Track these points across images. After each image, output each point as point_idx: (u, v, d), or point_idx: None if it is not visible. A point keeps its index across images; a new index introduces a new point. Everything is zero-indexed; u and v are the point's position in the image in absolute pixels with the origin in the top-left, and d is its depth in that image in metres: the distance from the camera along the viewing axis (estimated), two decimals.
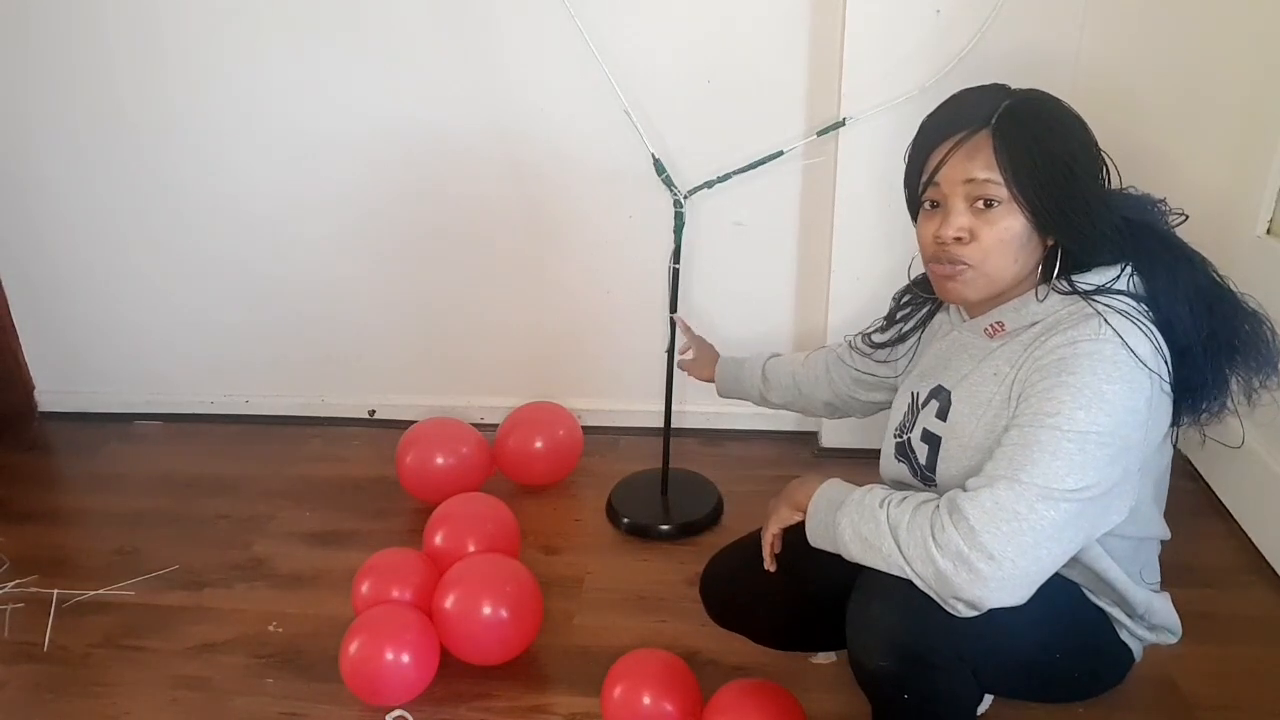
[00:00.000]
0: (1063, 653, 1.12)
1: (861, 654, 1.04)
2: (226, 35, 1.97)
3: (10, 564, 1.82)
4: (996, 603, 0.93)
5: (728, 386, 1.62)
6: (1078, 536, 0.97)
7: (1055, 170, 0.99)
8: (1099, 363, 0.96)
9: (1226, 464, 1.81)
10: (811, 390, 1.48)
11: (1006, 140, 0.99)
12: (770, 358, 1.56)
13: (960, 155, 1.02)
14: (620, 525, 1.86)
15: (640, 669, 1.33)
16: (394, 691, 1.40)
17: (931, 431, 1.13)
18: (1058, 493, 0.93)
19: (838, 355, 1.44)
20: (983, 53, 1.68)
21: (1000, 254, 1.02)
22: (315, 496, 2.03)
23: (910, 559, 0.96)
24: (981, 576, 0.92)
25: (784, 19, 1.81)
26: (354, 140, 2.03)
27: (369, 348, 2.26)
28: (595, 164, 1.97)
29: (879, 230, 1.84)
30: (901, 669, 1.01)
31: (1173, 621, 1.20)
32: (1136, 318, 0.99)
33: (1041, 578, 0.95)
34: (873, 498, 1.02)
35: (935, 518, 0.96)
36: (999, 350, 1.07)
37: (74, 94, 2.07)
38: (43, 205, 2.21)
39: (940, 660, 1.01)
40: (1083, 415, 0.94)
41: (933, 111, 1.08)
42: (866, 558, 1.00)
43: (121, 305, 2.30)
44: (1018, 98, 1.03)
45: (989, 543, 0.92)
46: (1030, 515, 0.92)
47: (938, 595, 0.96)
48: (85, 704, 1.48)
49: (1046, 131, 1.00)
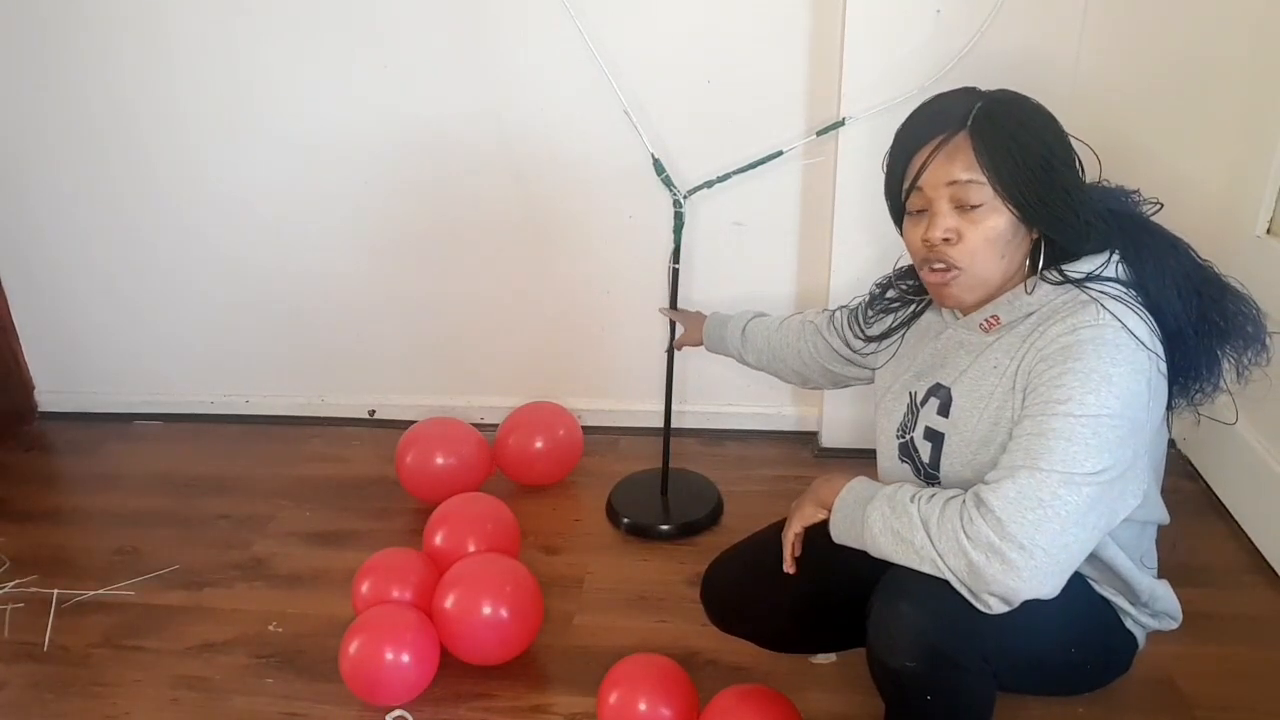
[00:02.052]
0: (1077, 646, 1.13)
1: (886, 653, 1.03)
2: (227, 35, 1.97)
3: (10, 564, 1.82)
4: (1030, 593, 0.94)
5: (713, 343, 1.62)
6: (1100, 521, 0.97)
7: (1034, 164, 1.00)
8: (1102, 347, 0.97)
9: (1227, 464, 1.81)
10: (784, 356, 1.48)
11: (984, 140, 1.01)
12: (753, 318, 1.56)
13: (941, 158, 1.03)
14: (620, 525, 1.86)
15: (636, 674, 1.32)
16: (394, 691, 1.40)
17: (934, 429, 1.13)
18: (1078, 477, 0.94)
19: (815, 327, 1.43)
20: (982, 53, 1.68)
21: (987, 253, 1.04)
22: (315, 496, 2.03)
23: (943, 553, 0.96)
24: (1014, 567, 0.92)
25: (784, 19, 1.81)
26: (353, 140, 2.03)
27: (369, 347, 2.26)
28: (595, 164, 1.97)
29: (879, 230, 1.84)
30: (928, 669, 1.01)
31: (1174, 607, 1.21)
32: (1130, 302, 1.01)
33: (1072, 566, 0.95)
34: (904, 493, 1.03)
35: (964, 511, 0.96)
36: (996, 343, 1.08)
37: (74, 94, 2.07)
38: (43, 205, 2.21)
39: (966, 661, 1.02)
40: (1093, 399, 0.95)
41: (906, 120, 1.10)
42: (898, 552, 1.01)
43: (121, 305, 2.30)
44: (989, 98, 1.04)
45: (1018, 532, 0.92)
46: (1054, 501, 0.93)
47: (970, 590, 0.96)
48: (85, 704, 1.48)
49: (1021, 128, 1.01)
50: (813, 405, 2.15)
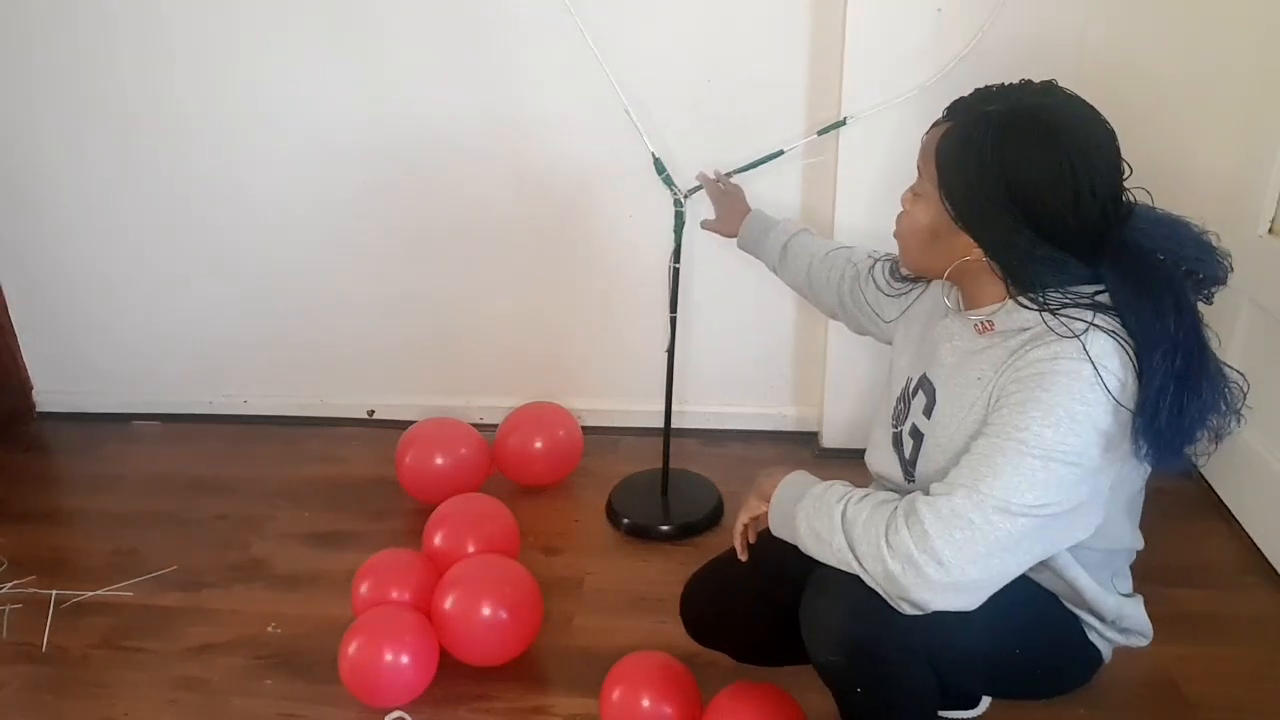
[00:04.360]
0: (1022, 649, 1.12)
1: (812, 648, 1.06)
2: (228, 37, 1.97)
3: (9, 565, 1.81)
4: (943, 606, 0.95)
5: (749, 243, 1.61)
6: (1035, 549, 0.97)
7: (984, 186, 0.99)
8: (1074, 382, 0.95)
9: (1227, 463, 1.81)
10: (821, 289, 1.48)
11: (956, 141, 1.01)
12: (800, 232, 1.54)
13: (927, 139, 1.06)
14: (620, 526, 1.86)
15: (639, 672, 1.32)
16: (393, 692, 1.40)
17: (918, 427, 1.14)
18: (1016, 506, 0.93)
19: (856, 272, 1.42)
20: (984, 54, 1.67)
21: (910, 239, 1.10)
22: (314, 497, 2.02)
23: (861, 556, 0.98)
24: (928, 580, 0.93)
25: (784, 18, 1.81)
26: (353, 140, 2.03)
27: (368, 348, 2.26)
28: (595, 163, 1.97)
29: (879, 229, 1.83)
30: (850, 662, 1.03)
31: (1144, 625, 1.20)
32: (1121, 338, 0.97)
33: (993, 587, 0.96)
34: (832, 494, 1.04)
35: (892, 519, 0.97)
36: (985, 352, 1.07)
37: (74, 93, 2.07)
38: (42, 205, 2.20)
39: (887, 653, 1.02)
40: (1050, 434, 0.94)
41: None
42: (818, 551, 1.03)
43: (120, 305, 2.29)
44: (1010, 108, 0.99)
45: (940, 548, 0.92)
46: (985, 525, 0.93)
47: (885, 593, 0.97)
48: (84, 705, 1.47)
49: (1008, 150, 0.97)
50: (813, 405, 2.14)
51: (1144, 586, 1.22)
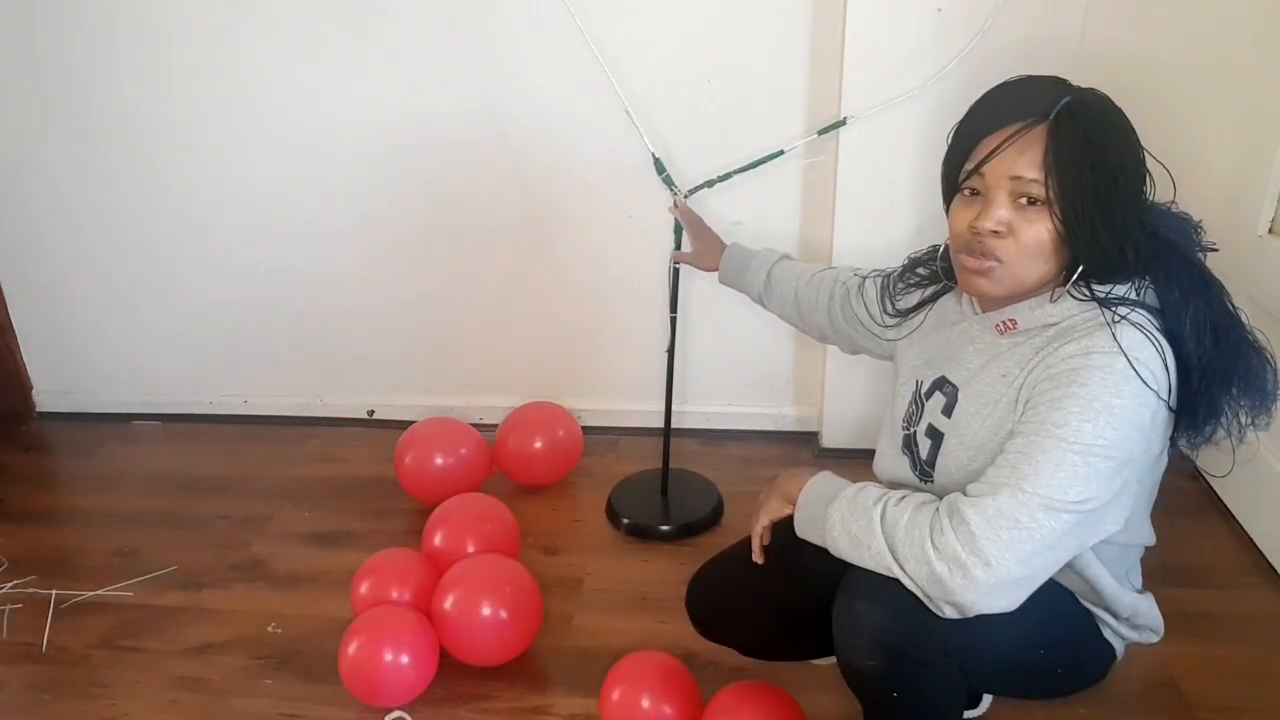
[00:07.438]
0: (1046, 648, 1.12)
1: (849, 653, 1.04)
2: (227, 36, 1.97)
3: (9, 564, 1.81)
4: (986, 608, 0.94)
5: (731, 277, 1.58)
6: (1072, 545, 0.97)
7: (1101, 181, 0.96)
8: (1110, 375, 0.95)
9: (1228, 464, 1.81)
10: (810, 313, 1.45)
11: (1061, 142, 0.97)
12: (780, 259, 1.52)
13: (1012, 150, 0.98)
14: (620, 526, 1.86)
15: (639, 672, 1.32)
16: (393, 692, 1.40)
17: (936, 427, 1.13)
18: (1060, 504, 0.93)
19: (846, 290, 1.39)
20: (984, 53, 1.67)
21: (1034, 255, 1.00)
22: (314, 497, 2.02)
23: (903, 559, 0.96)
24: (975, 581, 0.92)
25: (784, 18, 1.81)
26: (352, 140, 2.03)
27: (368, 348, 2.26)
28: (595, 163, 1.97)
29: (879, 230, 1.84)
30: (890, 667, 1.02)
31: (1156, 621, 1.21)
32: (1150, 331, 0.98)
33: (1033, 586, 0.96)
34: (866, 495, 1.02)
35: (935, 520, 0.95)
36: (1009, 351, 1.06)
37: (74, 93, 2.07)
38: (42, 205, 2.20)
39: (928, 657, 1.01)
40: (1090, 429, 0.94)
41: (986, 95, 1.05)
42: (854, 554, 1.01)
43: (120, 305, 2.29)
44: (1076, 96, 1.00)
45: (987, 548, 0.92)
46: (1031, 524, 0.93)
47: (927, 597, 0.96)
48: (84, 705, 1.48)
49: (1102, 138, 0.97)
50: (813, 405, 2.14)
51: (1145, 586, 1.22)
